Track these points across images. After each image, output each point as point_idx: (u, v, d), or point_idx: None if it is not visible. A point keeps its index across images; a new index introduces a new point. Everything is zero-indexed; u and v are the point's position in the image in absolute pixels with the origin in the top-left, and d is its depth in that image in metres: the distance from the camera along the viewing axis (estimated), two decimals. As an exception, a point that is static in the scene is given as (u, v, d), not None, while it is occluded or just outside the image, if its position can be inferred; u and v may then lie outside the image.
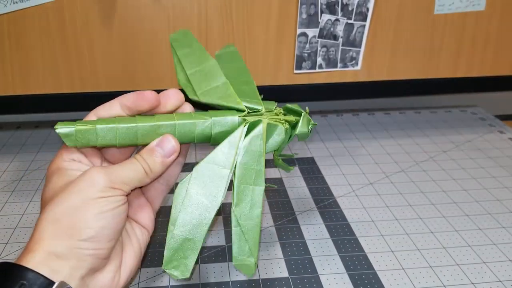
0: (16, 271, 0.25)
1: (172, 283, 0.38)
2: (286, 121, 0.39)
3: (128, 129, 0.33)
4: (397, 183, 0.53)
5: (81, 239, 0.29)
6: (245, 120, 0.37)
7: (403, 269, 0.40)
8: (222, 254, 0.42)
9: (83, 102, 0.60)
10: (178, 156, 0.34)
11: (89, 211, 0.29)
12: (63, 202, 0.30)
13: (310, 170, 0.56)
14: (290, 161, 0.57)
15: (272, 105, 0.40)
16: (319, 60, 0.60)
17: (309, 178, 0.54)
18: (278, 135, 0.38)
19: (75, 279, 0.28)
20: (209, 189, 0.34)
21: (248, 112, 0.38)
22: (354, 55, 0.61)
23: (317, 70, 0.61)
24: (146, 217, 0.35)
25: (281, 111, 0.40)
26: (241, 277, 0.39)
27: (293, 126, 0.40)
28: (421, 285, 0.38)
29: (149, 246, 0.38)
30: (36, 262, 0.26)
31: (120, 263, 0.32)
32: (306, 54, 0.60)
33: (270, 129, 0.38)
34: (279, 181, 0.53)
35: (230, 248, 0.42)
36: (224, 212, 0.48)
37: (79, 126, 0.32)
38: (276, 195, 0.51)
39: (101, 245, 0.30)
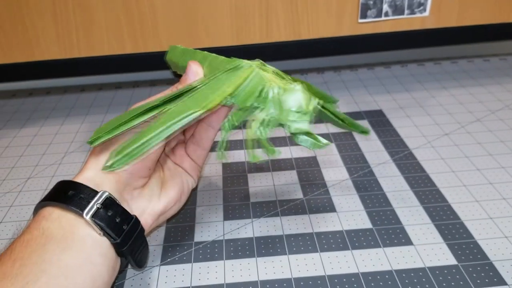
0: (72, 184, 0.32)
1: (257, 234, 0.39)
2: (280, 87, 0.34)
3: (193, 51, 0.39)
4: (474, 133, 0.51)
5: None
6: (252, 67, 0.35)
7: (490, 218, 0.39)
8: (301, 206, 0.42)
9: (146, 62, 0.60)
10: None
11: None
12: None
13: (380, 122, 0.54)
14: (357, 115, 0.56)
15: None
16: (385, 7, 0.57)
17: (380, 130, 0.53)
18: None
19: (114, 192, 0.33)
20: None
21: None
22: (422, 0, 0.57)
23: (383, 18, 0.58)
24: (188, 166, 0.38)
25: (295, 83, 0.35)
26: (325, 228, 0.39)
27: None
28: (511, 234, 0.37)
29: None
30: (85, 178, 0.33)
31: (160, 190, 0.36)
32: (371, 2, 0.57)
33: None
34: (348, 134, 0.52)
35: (308, 201, 0.42)
36: (298, 167, 0.47)
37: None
38: (347, 148, 0.50)
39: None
